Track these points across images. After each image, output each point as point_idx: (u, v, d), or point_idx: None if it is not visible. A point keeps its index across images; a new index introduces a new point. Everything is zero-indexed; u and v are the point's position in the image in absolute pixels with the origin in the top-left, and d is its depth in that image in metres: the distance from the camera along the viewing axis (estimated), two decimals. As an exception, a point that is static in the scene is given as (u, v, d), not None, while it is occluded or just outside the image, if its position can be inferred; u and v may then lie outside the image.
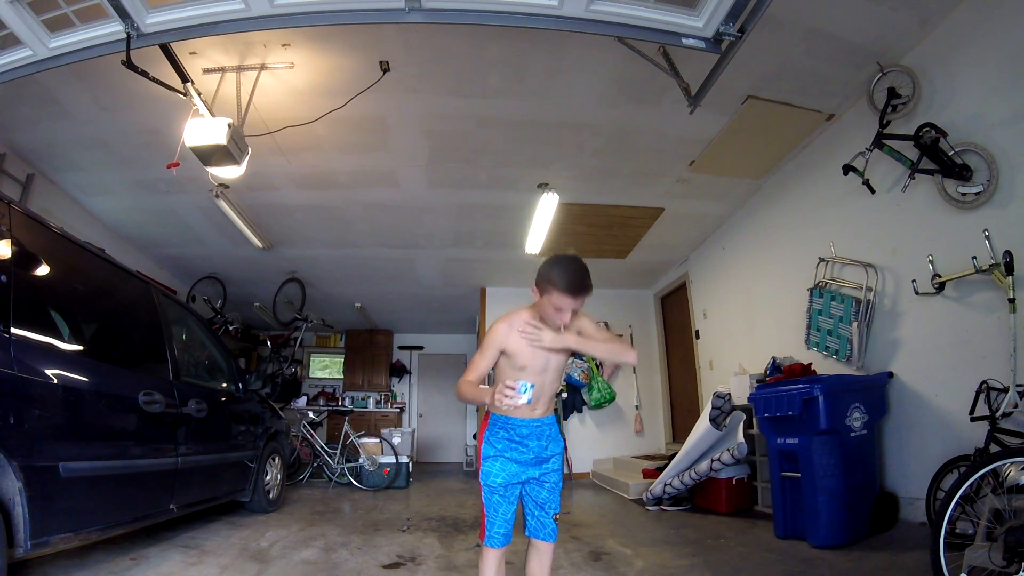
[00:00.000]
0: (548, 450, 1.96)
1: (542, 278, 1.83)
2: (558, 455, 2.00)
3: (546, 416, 1.98)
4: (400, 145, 4.34)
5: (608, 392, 7.19)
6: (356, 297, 8.45)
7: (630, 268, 7.15)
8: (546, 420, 1.98)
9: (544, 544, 1.95)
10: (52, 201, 4.73)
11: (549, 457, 1.96)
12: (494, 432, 1.95)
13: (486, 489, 1.91)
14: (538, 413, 1.95)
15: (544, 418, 1.97)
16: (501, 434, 1.94)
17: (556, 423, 2.02)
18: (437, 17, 2.50)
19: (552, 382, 1.97)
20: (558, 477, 1.99)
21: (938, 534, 2.05)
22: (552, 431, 1.99)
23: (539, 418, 1.95)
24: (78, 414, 2.40)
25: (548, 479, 1.96)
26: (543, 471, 1.95)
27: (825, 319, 4.12)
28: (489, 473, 1.91)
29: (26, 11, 2.42)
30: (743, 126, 4.08)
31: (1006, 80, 2.89)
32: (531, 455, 1.92)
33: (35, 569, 2.62)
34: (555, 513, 1.97)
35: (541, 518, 1.95)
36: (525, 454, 1.92)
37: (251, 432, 4.35)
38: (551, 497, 1.97)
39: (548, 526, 1.95)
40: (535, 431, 1.94)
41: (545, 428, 1.96)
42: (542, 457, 1.94)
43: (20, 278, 2.24)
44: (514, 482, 1.92)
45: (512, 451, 1.92)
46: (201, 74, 3.37)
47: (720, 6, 2.43)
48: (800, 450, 3.31)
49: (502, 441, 1.93)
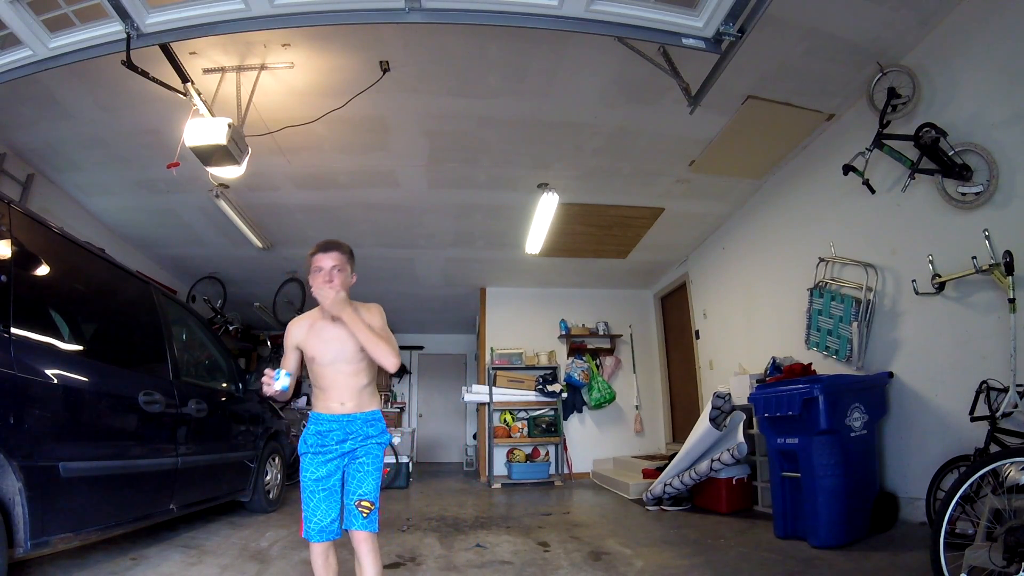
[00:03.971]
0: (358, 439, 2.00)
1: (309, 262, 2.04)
2: (370, 440, 2.01)
3: (359, 411, 2.01)
4: (400, 145, 4.34)
5: (608, 392, 7.19)
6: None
7: (630, 268, 7.15)
8: (359, 415, 2.01)
9: (356, 533, 1.94)
10: (52, 201, 4.72)
11: (360, 445, 2.00)
12: (308, 429, 2.02)
13: (302, 484, 1.99)
14: (348, 410, 2.00)
15: (355, 413, 2.00)
16: (312, 428, 2.01)
17: (377, 419, 2.04)
18: (437, 17, 2.50)
19: (348, 374, 2.00)
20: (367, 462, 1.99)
21: (938, 534, 2.05)
22: (364, 424, 2.00)
23: (349, 413, 2.00)
24: (78, 414, 2.40)
25: (355, 470, 1.98)
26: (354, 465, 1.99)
27: (825, 319, 4.12)
28: (303, 469, 1.99)
29: (26, 11, 2.42)
30: (743, 126, 4.08)
31: (1006, 80, 2.89)
32: (340, 449, 1.97)
33: (35, 569, 2.62)
34: (358, 500, 1.94)
35: (348, 507, 1.96)
36: (333, 449, 1.97)
37: (251, 432, 4.35)
38: (352, 483, 1.98)
39: (352, 513, 1.94)
40: (344, 424, 1.99)
41: (356, 422, 2.00)
42: (353, 447, 1.99)
43: (20, 278, 2.25)
44: (321, 476, 1.96)
45: (319, 446, 1.98)
46: (201, 74, 3.37)
47: (720, 6, 2.43)
48: (800, 450, 3.31)
49: (313, 436, 2.00)
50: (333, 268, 2.00)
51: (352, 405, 2.01)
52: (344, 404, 2.00)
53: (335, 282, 1.98)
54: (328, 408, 2.01)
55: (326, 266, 2.00)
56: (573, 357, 7.38)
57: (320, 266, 2.00)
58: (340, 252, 2.04)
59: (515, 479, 6.63)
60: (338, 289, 1.96)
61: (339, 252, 2.04)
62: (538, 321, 7.67)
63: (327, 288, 1.94)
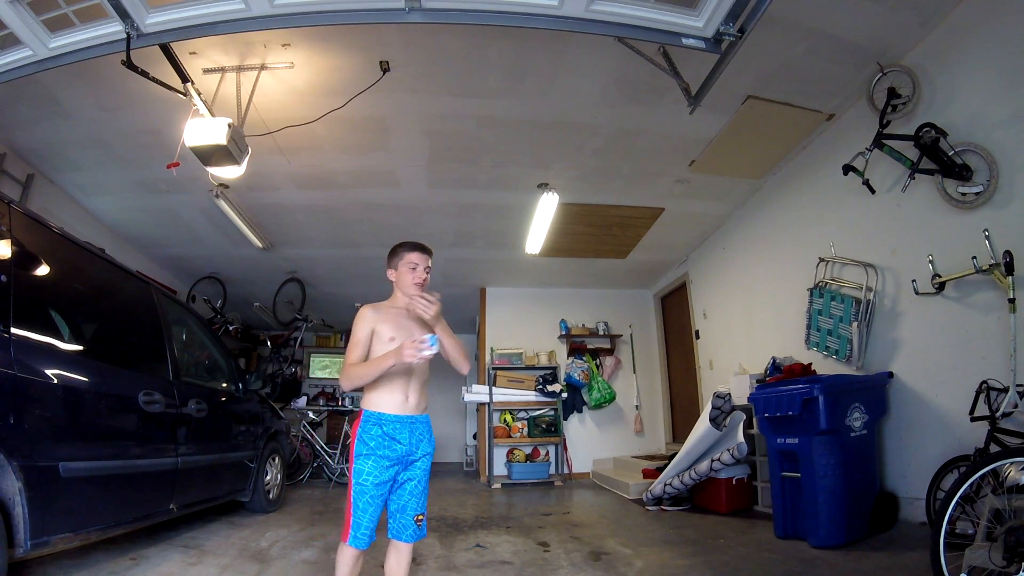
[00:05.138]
0: (419, 449, 1.98)
1: (392, 256, 2.10)
2: (427, 456, 2.02)
3: (419, 412, 2.00)
4: (400, 145, 4.34)
5: (608, 392, 7.19)
6: (356, 297, 8.41)
7: (630, 268, 7.15)
8: (420, 417, 2.00)
9: (404, 545, 1.98)
10: (52, 201, 4.72)
11: (419, 457, 1.98)
12: (367, 429, 1.94)
13: (357, 488, 1.90)
14: (411, 407, 1.97)
15: (418, 415, 2.00)
16: (375, 430, 1.93)
17: (430, 423, 2.04)
18: (437, 17, 2.50)
19: (421, 367, 1.98)
20: (423, 478, 2.01)
21: (938, 534, 2.06)
22: (426, 429, 2.01)
23: (413, 414, 1.98)
24: (78, 414, 2.40)
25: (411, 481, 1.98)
26: (408, 475, 1.97)
27: (825, 319, 4.12)
28: (361, 471, 1.90)
29: (26, 11, 2.42)
30: (743, 126, 4.08)
31: (1006, 80, 2.89)
32: (402, 451, 1.93)
33: (35, 569, 2.62)
34: (416, 515, 1.98)
35: (403, 521, 1.97)
36: (396, 450, 1.93)
37: (251, 432, 4.35)
38: (412, 500, 1.98)
39: (409, 528, 1.97)
40: (408, 426, 1.96)
41: (419, 424, 1.98)
42: (412, 457, 1.96)
43: (20, 278, 2.24)
44: (384, 480, 1.92)
45: (384, 448, 1.92)
46: (201, 74, 3.37)
47: (720, 6, 2.43)
48: (800, 450, 3.31)
49: (375, 438, 1.93)
50: (427, 270, 2.07)
51: (415, 401, 1.99)
52: (408, 399, 1.97)
53: (423, 280, 2.06)
54: (392, 403, 1.96)
55: (421, 265, 2.06)
56: (573, 357, 7.38)
57: (415, 263, 2.05)
58: (430, 256, 2.11)
59: (515, 479, 6.63)
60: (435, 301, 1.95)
61: (430, 256, 2.11)
62: (538, 321, 7.67)
63: (432, 304, 1.93)
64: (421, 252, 2.08)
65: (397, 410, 1.96)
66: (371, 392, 1.97)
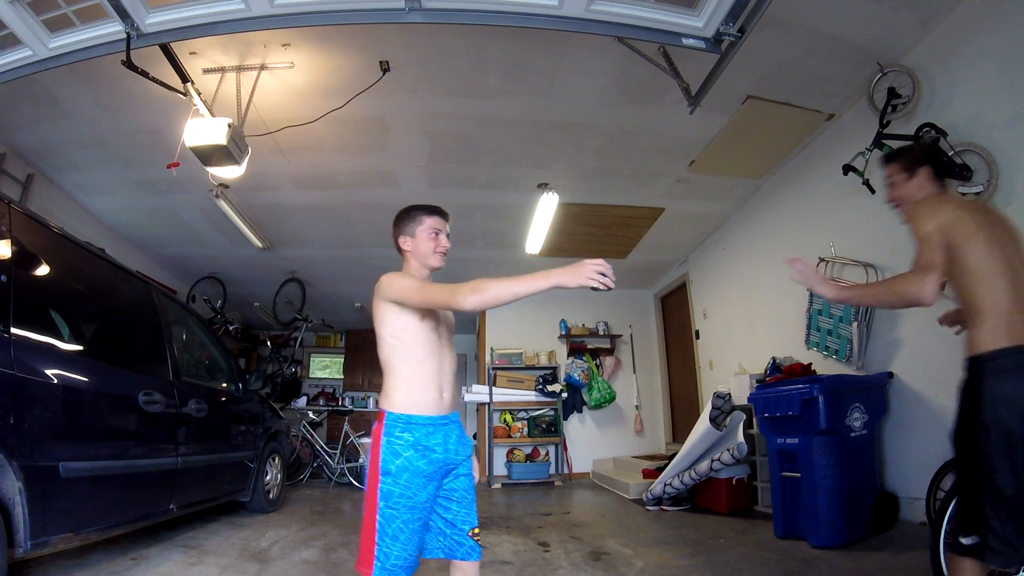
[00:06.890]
0: (458, 454, 1.63)
1: (405, 221, 1.76)
2: (468, 459, 1.69)
3: (452, 411, 1.68)
4: (400, 145, 4.34)
5: (608, 392, 7.19)
6: (356, 297, 8.44)
7: (630, 268, 7.15)
8: (453, 416, 1.67)
9: (469, 564, 1.60)
10: (52, 201, 4.72)
11: (459, 462, 1.64)
12: (395, 436, 1.55)
13: (387, 513, 1.49)
14: (445, 405, 1.65)
15: (452, 414, 1.67)
16: (405, 437, 1.55)
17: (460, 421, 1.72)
18: (437, 17, 2.50)
19: (451, 359, 1.71)
20: (469, 485, 1.67)
21: (938, 534, 2.06)
22: (461, 430, 1.68)
23: (447, 414, 1.65)
24: (78, 414, 2.40)
25: (458, 490, 1.63)
26: (451, 482, 1.63)
27: (825, 319, 4.12)
28: (391, 494, 1.50)
29: (26, 11, 2.42)
30: (743, 126, 4.08)
31: (1006, 80, 2.88)
32: (439, 459, 1.57)
33: (35, 569, 2.62)
34: (471, 528, 1.62)
35: (455, 536, 1.60)
36: (434, 460, 1.56)
37: (251, 432, 4.35)
38: (462, 511, 1.62)
39: (466, 544, 1.60)
40: (443, 428, 1.61)
41: (454, 426, 1.65)
42: (452, 462, 1.62)
43: (20, 278, 2.24)
44: (422, 502, 1.54)
45: (420, 459, 1.54)
46: (201, 74, 3.37)
47: (720, 6, 2.43)
48: (800, 450, 3.31)
49: (408, 448, 1.54)
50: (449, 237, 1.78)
51: (449, 397, 1.66)
52: (443, 395, 1.64)
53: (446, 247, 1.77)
54: (426, 402, 1.59)
55: (443, 230, 1.76)
56: (573, 357, 7.38)
57: (438, 228, 1.74)
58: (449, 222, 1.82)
59: (515, 479, 6.63)
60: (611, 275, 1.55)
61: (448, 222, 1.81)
62: (538, 321, 7.66)
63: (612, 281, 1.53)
64: (441, 216, 1.76)
65: (431, 410, 1.60)
66: (397, 387, 1.59)
